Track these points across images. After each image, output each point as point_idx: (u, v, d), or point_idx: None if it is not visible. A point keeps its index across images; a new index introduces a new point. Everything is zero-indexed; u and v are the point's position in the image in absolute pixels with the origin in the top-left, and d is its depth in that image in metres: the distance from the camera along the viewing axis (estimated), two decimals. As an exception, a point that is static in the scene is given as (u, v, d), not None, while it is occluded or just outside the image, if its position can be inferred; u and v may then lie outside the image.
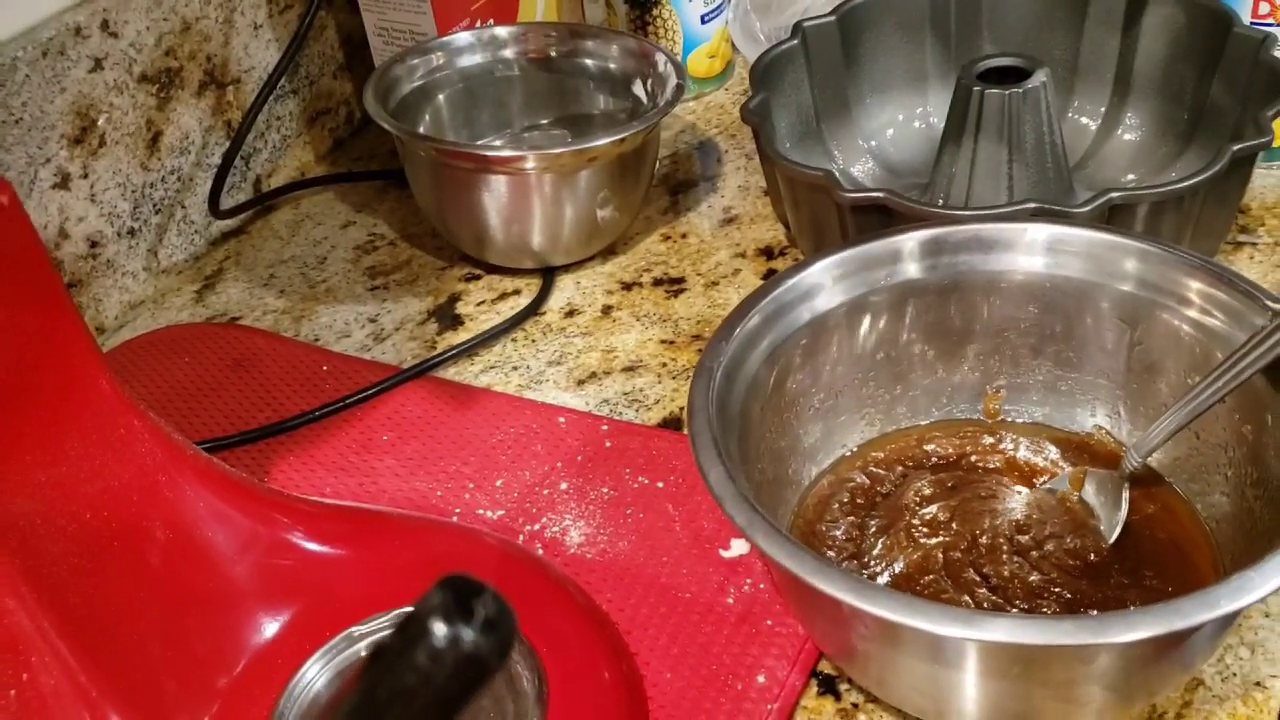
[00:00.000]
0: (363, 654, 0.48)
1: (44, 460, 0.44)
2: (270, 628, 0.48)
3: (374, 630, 0.48)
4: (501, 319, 0.66)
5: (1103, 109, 0.67)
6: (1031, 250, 0.47)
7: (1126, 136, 0.67)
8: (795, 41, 0.66)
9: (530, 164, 0.63)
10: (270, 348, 0.66)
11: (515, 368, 0.63)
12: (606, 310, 0.66)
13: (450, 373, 0.63)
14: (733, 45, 0.81)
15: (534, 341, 0.65)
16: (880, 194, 0.53)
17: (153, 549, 0.46)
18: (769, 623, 0.49)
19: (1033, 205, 0.50)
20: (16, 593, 0.43)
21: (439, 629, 0.17)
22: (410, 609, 0.18)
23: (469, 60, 0.70)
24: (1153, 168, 0.64)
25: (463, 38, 0.70)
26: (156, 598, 0.46)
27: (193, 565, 0.47)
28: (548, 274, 0.68)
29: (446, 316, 0.67)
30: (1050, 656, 0.37)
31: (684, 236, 0.71)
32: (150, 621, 0.45)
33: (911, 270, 0.47)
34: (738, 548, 0.52)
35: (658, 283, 0.68)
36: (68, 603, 0.43)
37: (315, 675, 0.46)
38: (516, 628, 0.18)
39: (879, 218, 0.53)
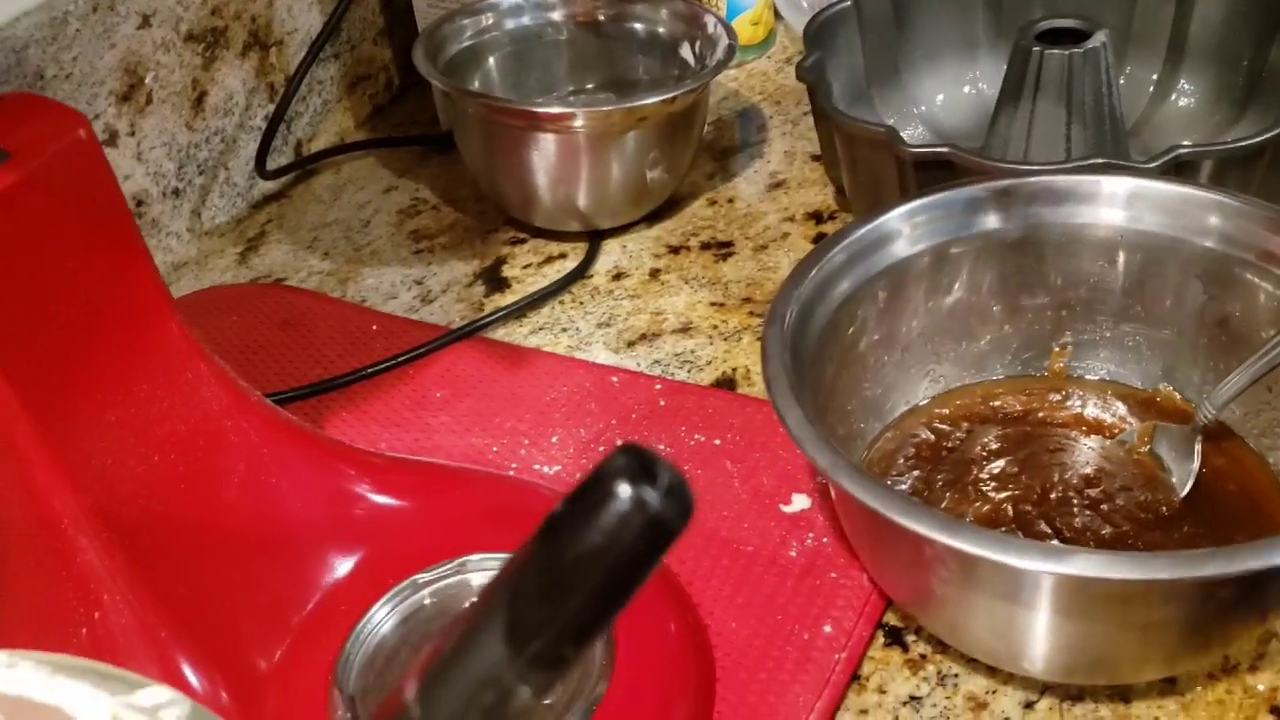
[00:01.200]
0: (426, 601, 0.48)
1: (114, 401, 0.44)
2: (336, 573, 0.47)
3: (437, 578, 0.48)
4: (549, 281, 0.66)
5: (1155, 75, 0.67)
6: (1112, 203, 0.47)
7: (1180, 103, 0.66)
8: (848, 3, 0.66)
9: (580, 122, 0.63)
10: (318, 308, 0.65)
11: (564, 329, 0.63)
12: (654, 274, 0.66)
13: (499, 334, 0.63)
14: (775, 12, 0.81)
15: (582, 304, 0.65)
16: (945, 149, 0.53)
17: (220, 493, 0.46)
18: (833, 575, 0.48)
19: (1100, 161, 0.50)
20: (88, 531, 0.42)
21: (624, 490, 0.17)
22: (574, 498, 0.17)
23: (517, 22, 0.70)
24: (1207, 134, 0.64)
25: (512, -1, 0.70)
26: (225, 541, 0.46)
27: (259, 510, 0.47)
28: (594, 238, 0.68)
29: (493, 279, 0.67)
30: (1137, 594, 0.37)
31: (730, 201, 0.70)
32: (219, 563, 0.45)
33: (989, 222, 0.47)
34: (799, 503, 0.52)
35: (705, 246, 0.67)
36: (138, 543, 0.43)
37: (381, 619, 0.46)
38: (694, 497, 0.18)
39: (941, 174, 0.53)
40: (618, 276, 0.66)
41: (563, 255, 0.68)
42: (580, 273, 0.66)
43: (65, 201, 0.41)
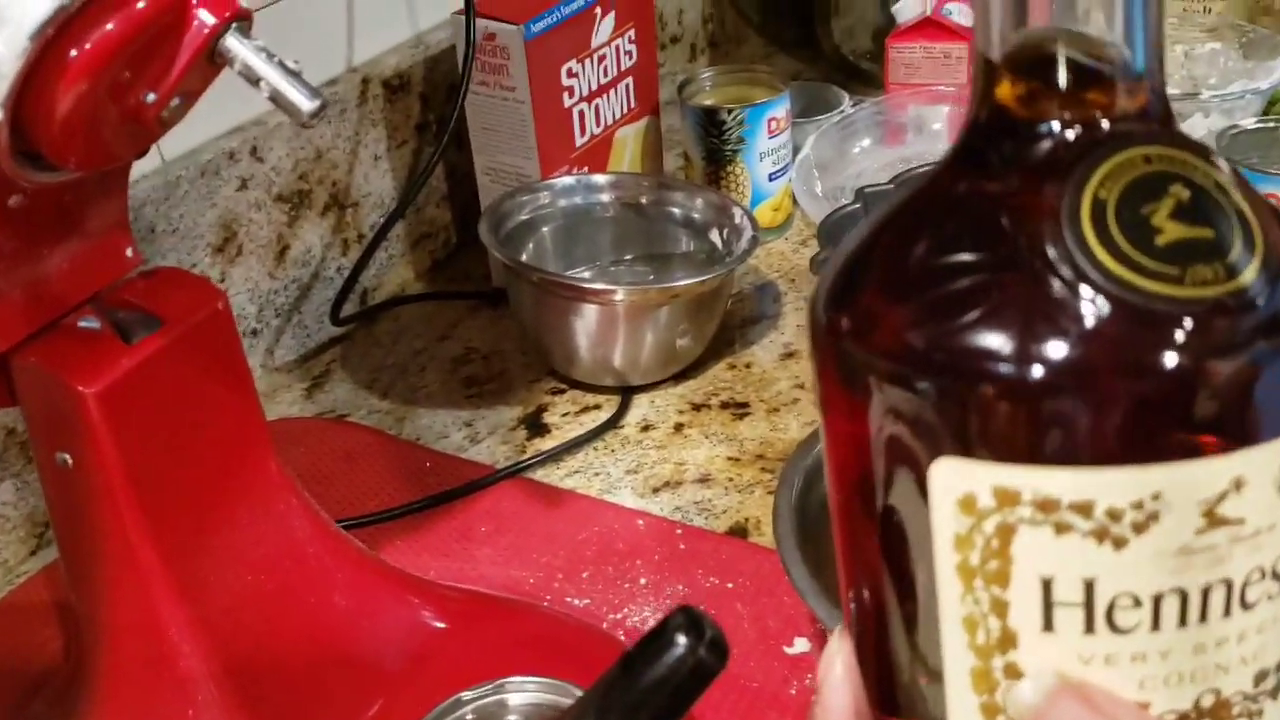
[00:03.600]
0: (468, 718, 0.54)
1: (221, 526, 0.51)
2: (393, 685, 0.54)
3: (478, 696, 0.55)
4: (584, 429, 0.74)
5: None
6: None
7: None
8: (858, 205, 0.75)
9: (620, 297, 0.72)
10: (377, 444, 0.73)
11: (597, 474, 0.71)
12: (678, 428, 0.74)
13: (539, 474, 0.71)
14: (793, 199, 0.90)
15: (613, 451, 0.73)
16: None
17: (301, 610, 0.53)
18: (827, 712, 0.55)
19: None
20: (189, 638, 0.50)
21: (681, 640, 0.24)
22: (660, 623, 0.25)
23: (569, 201, 0.80)
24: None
25: (566, 181, 0.79)
26: (303, 650, 0.53)
27: (332, 626, 0.54)
28: (626, 393, 0.76)
29: (535, 425, 0.75)
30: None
31: (748, 366, 0.79)
32: (297, 670, 0.52)
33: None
34: (800, 645, 0.59)
35: (724, 406, 0.75)
36: (231, 650, 0.50)
37: (431, 732, 0.53)
38: (728, 649, 0.25)
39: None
40: (646, 428, 0.74)
41: (597, 406, 0.76)
42: (612, 423, 0.74)
43: (201, 360, 0.49)
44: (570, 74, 0.80)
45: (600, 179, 0.80)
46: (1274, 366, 0.21)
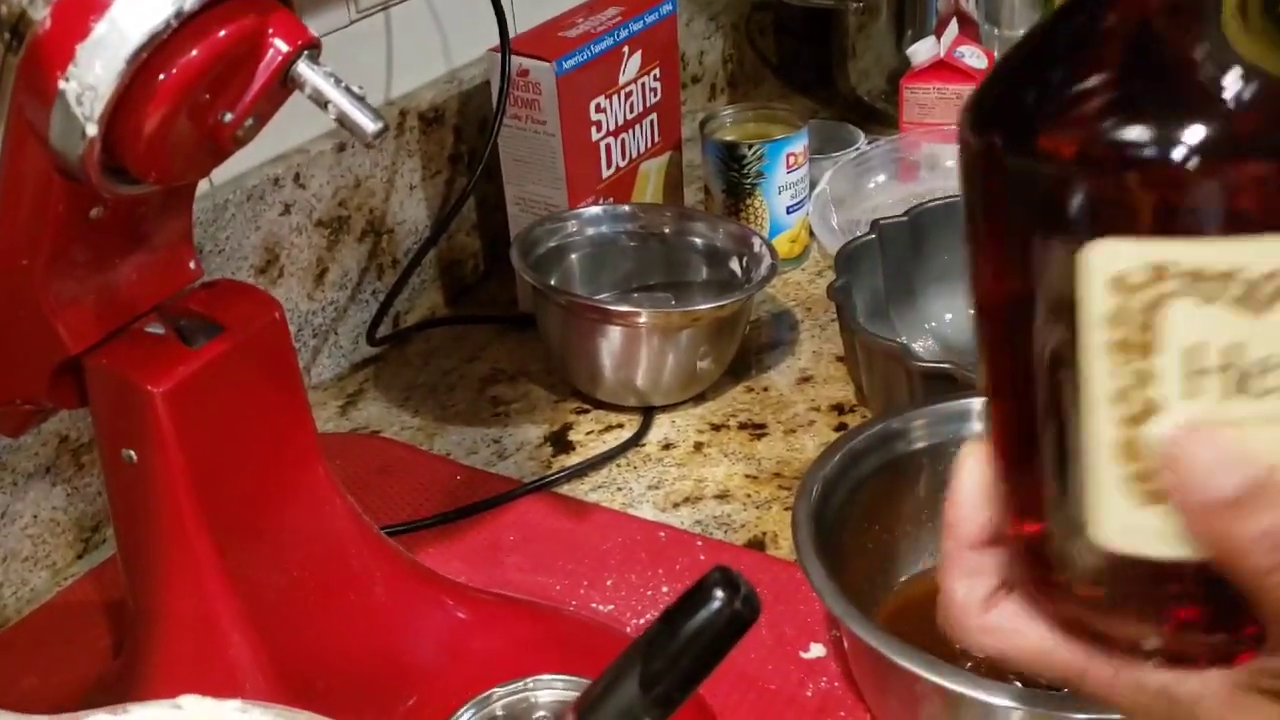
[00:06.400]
0: (499, 712, 0.57)
1: (271, 525, 0.54)
2: (429, 679, 0.57)
3: (509, 692, 0.57)
4: (608, 447, 0.77)
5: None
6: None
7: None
8: (872, 236, 0.78)
9: (644, 319, 0.75)
10: (410, 458, 0.77)
11: (619, 489, 0.74)
12: (698, 446, 0.77)
13: (564, 489, 0.74)
14: (810, 232, 0.94)
15: (635, 468, 0.76)
16: (948, 365, 0.64)
17: (342, 605, 0.56)
18: (842, 714, 0.58)
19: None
20: (239, 628, 0.53)
21: (718, 594, 0.27)
22: (691, 590, 0.28)
23: (596, 229, 0.83)
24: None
25: (593, 211, 0.83)
26: (344, 644, 0.56)
27: (372, 622, 0.57)
28: (647, 412, 0.79)
29: (560, 442, 0.78)
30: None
31: (765, 390, 0.82)
32: (338, 662, 0.55)
33: (979, 427, 0.58)
34: (816, 651, 0.61)
35: (743, 426, 0.79)
36: (276, 641, 0.53)
37: (465, 723, 0.56)
38: (760, 603, 0.28)
39: (944, 385, 0.65)
40: (667, 447, 0.77)
41: (620, 425, 0.79)
42: (635, 441, 0.77)
43: (258, 365, 0.52)
44: (598, 109, 0.84)
45: (626, 209, 0.84)
46: None
